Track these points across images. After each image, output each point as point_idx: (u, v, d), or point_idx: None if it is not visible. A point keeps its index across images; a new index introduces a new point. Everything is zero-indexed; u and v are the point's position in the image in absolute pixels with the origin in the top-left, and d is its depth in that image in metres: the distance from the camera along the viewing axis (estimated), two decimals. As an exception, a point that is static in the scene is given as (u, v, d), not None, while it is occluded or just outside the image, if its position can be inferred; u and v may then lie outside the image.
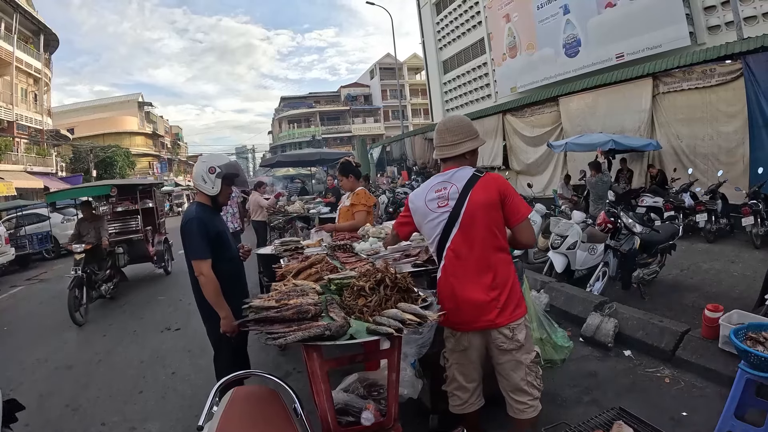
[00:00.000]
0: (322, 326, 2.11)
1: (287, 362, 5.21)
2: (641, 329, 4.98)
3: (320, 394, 2.28)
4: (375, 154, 28.90)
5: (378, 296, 2.42)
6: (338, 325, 2.12)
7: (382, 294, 2.43)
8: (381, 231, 4.37)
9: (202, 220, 3.42)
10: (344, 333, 2.13)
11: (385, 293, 2.43)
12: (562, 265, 6.87)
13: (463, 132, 2.75)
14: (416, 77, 62.09)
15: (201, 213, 3.49)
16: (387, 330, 2.09)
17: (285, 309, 2.29)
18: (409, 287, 2.51)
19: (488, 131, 19.46)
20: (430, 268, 3.38)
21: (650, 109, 12.52)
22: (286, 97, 70.81)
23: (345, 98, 65.66)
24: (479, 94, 33.32)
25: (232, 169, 3.58)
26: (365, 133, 48.57)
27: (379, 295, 2.42)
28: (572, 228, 6.92)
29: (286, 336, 2.09)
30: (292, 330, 2.13)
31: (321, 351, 2.24)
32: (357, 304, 2.44)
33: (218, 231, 3.52)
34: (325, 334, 2.08)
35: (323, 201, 12.94)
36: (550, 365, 3.62)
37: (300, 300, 2.40)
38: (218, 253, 3.45)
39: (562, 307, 5.91)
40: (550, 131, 16.15)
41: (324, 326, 2.10)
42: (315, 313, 2.29)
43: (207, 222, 3.44)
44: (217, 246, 3.45)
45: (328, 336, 2.08)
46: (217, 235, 3.48)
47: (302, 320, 2.24)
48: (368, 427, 2.37)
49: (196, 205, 3.58)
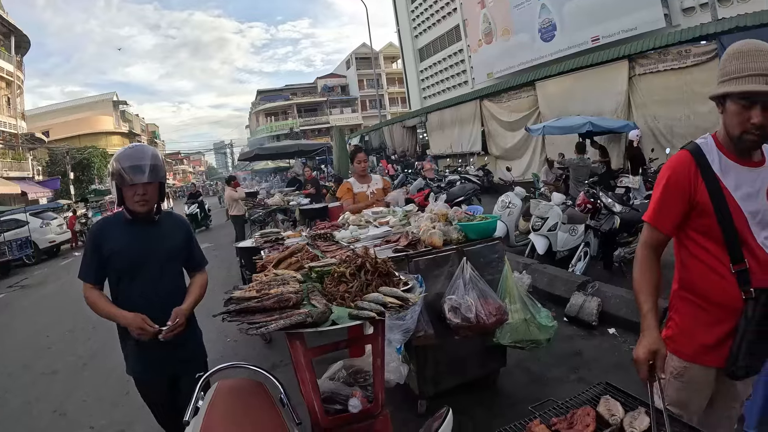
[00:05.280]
0: (303, 313, 2.06)
1: (273, 355, 5.17)
2: (624, 307, 5.03)
3: (306, 383, 2.25)
4: (353, 143, 28.81)
5: (359, 282, 2.38)
6: (320, 311, 2.07)
7: (363, 279, 2.39)
8: (361, 219, 4.32)
9: (98, 232, 2.69)
10: (326, 319, 2.09)
11: (365, 278, 2.40)
12: (544, 247, 6.91)
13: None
14: (393, 66, 61.93)
15: (105, 223, 2.79)
16: (369, 314, 2.06)
17: (266, 298, 2.24)
18: (389, 271, 2.48)
19: (466, 118, 19.55)
20: (411, 252, 3.37)
21: (627, 91, 12.60)
22: (262, 91, 70.21)
23: (322, 89, 65.27)
24: (456, 80, 33.41)
25: (124, 160, 2.54)
26: (343, 124, 48.20)
27: (359, 281, 2.39)
28: (552, 210, 6.96)
29: (267, 325, 2.04)
30: (274, 319, 2.08)
31: (304, 339, 2.21)
32: (338, 290, 2.40)
33: (116, 250, 2.60)
34: (307, 321, 2.03)
35: (303, 193, 12.87)
36: (536, 345, 3.61)
37: (281, 289, 2.35)
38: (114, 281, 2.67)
39: (546, 289, 5.94)
40: (528, 115, 16.20)
41: (305, 313, 2.06)
42: (296, 301, 2.25)
43: (106, 236, 2.63)
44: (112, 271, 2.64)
45: (310, 323, 2.04)
46: (112, 256, 2.60)
47: (284, 309, 2.19)
48: (356, 414, 2.34)
49: (116, 212, 2.80)
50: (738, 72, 1.70)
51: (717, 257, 1.84)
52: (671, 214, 1.89)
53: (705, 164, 1.82)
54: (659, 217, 1.93)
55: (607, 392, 2.10)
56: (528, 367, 4.27)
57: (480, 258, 3.52)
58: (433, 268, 3.39)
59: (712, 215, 1.81)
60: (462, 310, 3.15)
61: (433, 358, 3.49)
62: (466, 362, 3.68)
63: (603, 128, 11.92)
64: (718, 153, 1.83)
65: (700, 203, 1.82)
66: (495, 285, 3.53)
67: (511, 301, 3.53)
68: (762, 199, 1.81)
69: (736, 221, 1.79)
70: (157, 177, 2.58)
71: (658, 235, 1.94)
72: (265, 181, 42.61)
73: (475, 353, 3.71)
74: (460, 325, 3.16)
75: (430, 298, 3.31)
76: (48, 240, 17.41)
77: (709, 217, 1.82)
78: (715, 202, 1.79)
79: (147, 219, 2.69)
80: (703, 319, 1.91)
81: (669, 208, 1.89)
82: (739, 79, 1.70)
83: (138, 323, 2.47)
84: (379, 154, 28.56)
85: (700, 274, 1.90)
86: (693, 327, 1.95)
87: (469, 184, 12.90)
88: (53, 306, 9.62)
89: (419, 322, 3.14)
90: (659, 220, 1.93)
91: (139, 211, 2.62)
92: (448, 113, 21.32)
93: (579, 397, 2.12)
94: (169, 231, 2.81)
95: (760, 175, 1.83)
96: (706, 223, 1.84)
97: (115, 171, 2.54)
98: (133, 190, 2.54)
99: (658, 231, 1.94)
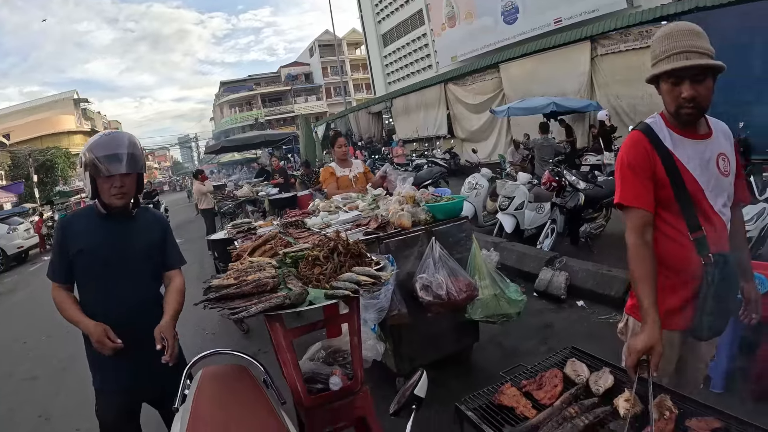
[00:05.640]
0: (281, 296, 2.13)
1: (252, 344, 5.19)
2: (591, 279, 5.21)
3: (287, 364, 2.31)
4: (320, 131, 28.67)
5: (332, 264, 2.45)
6: (297, 293, 2.14)
7: (336, 261, 2.46)
8: (331, 205, 4.38)
9: (67, 227, 2.44)
10: (303, 300, 2.15)
11: (339, 260, 2.46)
12: (512, 226, 7.07)
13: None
14: (356, 52, 61.67)
15: (75, 218, 2.53)
16: (343, 292, 2.14)
17: (244, 285, 2.30)
18: (361, 252, 2.55)
19: (431, 102, 19.68)
20: (381, 235, 3.45)
21: (589, 72, 12.84)
22: (225, 82, 68.99)
23: (285, 78, 64.48)
24: (420, 65, 33.42)
25: (98, 149, 2.29)
26: (308, 112, 47.80)
27: (333, 263, 2.45)
28: (518, 189, 7.11)
29: (248, 309, 2.10)
30: (253, 303, 2.14)
31: (283, 321, 2.27)
32: (313, 273, 2.46)
33: (87, 248, 2.36)
34: (285, 302, 2.09)
35: (271, 183, 12.86)
36: (507, 319, 3.73)
37: (258, 275, 2.41)
38: (83, 282, 2.44)
39: (515, 265, 6.09)
40: (492, 98, 16.38)
41: (284, 296, 2.12)
42: (274, 285, 2.31)
43: (75, 232, 2.39)
44: (80, 270, 2.40)
45: (288, 305, 2.10)
46: (82, 254, 2.36)
47: (262, 293, 2.25)
48: (337, 392, 2.41)
49: (87, 206, 2.55)
50: (664, 53, 1.81)
51: (676, 227, 1.92)
52: (648, 190, 1.92)
53: (657, 141, 1.90)
54: (638, 196, 1.94)
55: (573, 355, 2.23)
56: (500, 342, 4.40)
57: (448, 237, 3.62)
58: (404, 248, 3.48)
59: (669, 188, 1.88)
60: (433, 287, 3.25)
61: (408, 336, 3.58)
62: (440, 339, 3.78)
63: (566, 108, 12.13)
64: (667, 130, 1.92)
65: (658, 178, 1.90)
66: (464, 263, 3.65)
67: (481, 278, 3.65)
68: (713, 169, 1.90)
69: (692, 191, 1.87)
70: (135, 167, 2.36)
71: (644, 214, 1.93)
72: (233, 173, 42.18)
73: (449, 330, 3.81)
74: (432, 302, 3.26)
75: (402, 278, 3.41)
76: (16, 246, 16.75)
77: (666, 190, 1.89)
78: (671, 175, 1.87)
79: (123, 213, 2.44)
80: (666, 286, 1.95)
81: (645, 185, 1.93)
82: (666, 59, 1.80)
83: (98, 335, 2.22)
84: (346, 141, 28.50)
85: (660, 244, 1.95)
86: (657, 294, 1.97)
87: (436, 167, 13.02)
88: (26, 312, 9.38)
89: (393, 302, 3.23)
90: (639, 200, 1.94)
91: (116, 205, 2.37)
92: (413, 98, 21.41)
93: (547, 361, 2.24)
94: (147, 227, 2.56)
95: (708, 147, 1.92)
96: (663, 195, 1.91)
97: (88, 161, 2.27)
98: (110, 182, 2.29)
99: (643, 210, 1.93)
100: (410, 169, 14.08)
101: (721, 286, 1.85)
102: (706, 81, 1.78)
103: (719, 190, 1.92)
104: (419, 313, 3.41)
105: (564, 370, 2.10)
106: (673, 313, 1.96)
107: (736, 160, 2.01)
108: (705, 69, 1.77)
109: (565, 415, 1.75)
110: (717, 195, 1.92)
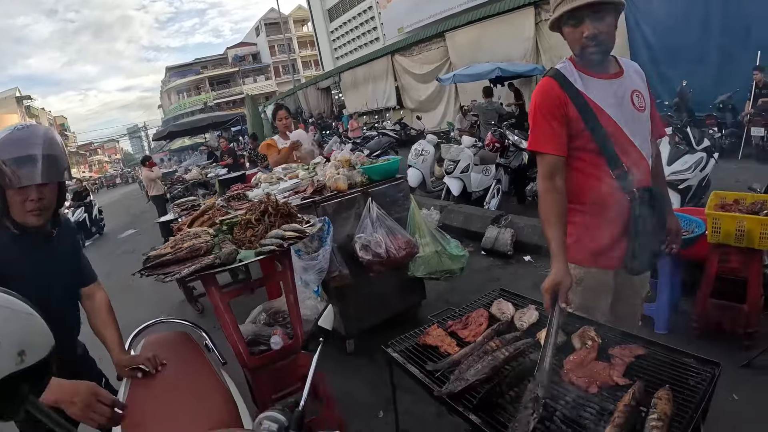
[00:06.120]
0: (212, 257, 2.17)
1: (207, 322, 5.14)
2: (537, 235, 5.36)
3: (227, 325, 2.35)
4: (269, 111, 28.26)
5: (264, 225, 2.48)
6: (226, 253, 2.17)
7: (268, 222, 2.49)
8: (272, 176, 4.38)
9: None
10: (234, 260, 2.19)
11: (269, 221, 2.50)
12: (458, 189, 7.18)
13: None
14: (303, 29, 60.54)
15: None
16: (270, 248, 2.18)
17: (179, 251, 2.32)
18: (290, 212, 2.59)
19: (379, 74, 19.60)
20: (317, 198, 3.48)
21: (534, 37, 12.91)
22: (171, 67, 66.84)
23: (233, 60, 62.91)
24: (367, 38, 33.24)
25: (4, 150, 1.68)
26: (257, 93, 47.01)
27: (264, 224, 2.48)
28: (463, 152, 7.21)
29: (180, 271, 2.13)
30: (186, 266, 2.17)
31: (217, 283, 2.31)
32: (246, 236, 2.50)
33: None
34: (216, 262, 2.13)
35: (220, 164, 12.72)
36: (450, 275, 3.84)
37: (193, 242, 2.43)
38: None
39: (462, 226, 6.22)
40: (439, 66, 16.39)
41: (214, 256, 2.16)
42: (207, 249, 2.32)
43: None
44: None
45: (218, 264, 2.14)
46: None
47: (195, 258, 2.28)
48: (279, 351, 2.46)
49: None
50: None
51: (597, 166, 1.94)
52: (556, 135, 1.93)
53: (568, 84, 1.92)
54: (546, 141, 1.95)
55: (500, 296, 2.32)
56: (447, 299, 4.50)
57: (385, 197, 3.69)
58: (342, 211, 3.54)
59: (584, 128, 1.91)
60: (372, 246, 3.32)
61: (354, 297, 3.65)
62: (386, 298, 3.86)
63: (512, 73, 12.22)
64: (577, 72, 1.94)
65: (572, 120, 1.91)
66: (404, 222, 3.73)
67: (421, 236, 3.73)
68: (628, 106, 1.93)
69: (609, 129, 1.89)
70: (56, 174, 1.79)
71: (554, 159, 1.94)
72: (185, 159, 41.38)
73: (395, 289, 3.90)
74: (372, 260, 3.33)
75: (342, 240, 3.48)
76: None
77: (583, 131, 1.91)
78: (585, 115, 1.89)
79: (42, 233, 1.92)
80: (594, 225, 1.99)
81: (551, 131, 1.94)
82: (561, 3, 1.85)
83: None
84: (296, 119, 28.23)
85: (584, 184, 1.98)
86: (586, 234, 2.03)
87: (384, 138, 13.06)
88: None
89: (333, 263, 3.29)
90: (547, 145, 1.95)
91: (33, 224, 1.82)
92: (361, 71, 21.28)
93: (475, 303, 2.33)
94: (65, 243, 2.08)
95: (621, 85, 1.95)
96: (581, 136, 1.93)
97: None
98: (23, 195, 1.74)
99: (553, 156, 1.94)
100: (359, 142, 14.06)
101: (648, 220, 1.91)
102: (606, 18, 1.81)
103: (637, 126, 1.95)
104: (363, 274, 3.48)
105: (490, 309, 2.18)
106: (604, 252, 2.00)
107: (649, 96, 2.04)
108: (603, 5, 1.79)
109: (486, 349, 1.80)
110: (635, 131, 1.94)
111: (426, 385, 1.73)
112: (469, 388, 1.58)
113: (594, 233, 2.00)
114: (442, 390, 1.62)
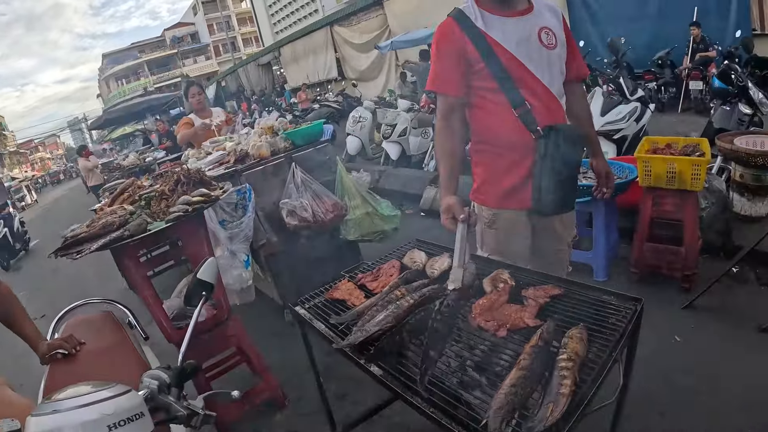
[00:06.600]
0: (120, 230, 2.12)
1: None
2: (474, 192, 5.38)
3: (147, 299, 2.36)
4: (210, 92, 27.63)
5: (177, 195, 2.44)
6: (136, 224, 2.14)
7: (181, 191, 2.46)
8: (200, 151, 4.29)
9: None
10: (144, 230, 2.15)
11: (182, 190, 2.46)
12: (397, 153, 7.18)
13: None
14: (242, 5, 58.93)
15: None
16: (176, 214, 2.15)
17: (93, 228, 2.27)
18: (203, 179, 2.56)
19: (318, 46, 19.30)
20: (240, 167, 3.42)
21: (474, 1, 12.84)
22: (107, 53, 64.30)
23: (171, 41, 60.76)
24: (306, 10, 32.78)
25: None
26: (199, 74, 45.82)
27: (178, 194, 2.45)
28: (399, 116, 7.20)
29: (90, 247, 2.08)
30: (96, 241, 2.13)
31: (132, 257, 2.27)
32: (161, 207, 2.45)
33: None
34: (125, 234, 2.09)
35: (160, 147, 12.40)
36: (384, 236, 3.84)
37: (107, 218, 2.37)
38: None
39: (401, 189, 6.24)
40: (379, 35, 16.20)
41: (123, 229, 2.12)
42: (120, 224, 2.28)
43: None
44: None
45: (128, 236, 2.10)
46: None
47: (108, 233, 2.22)
48: (205, 322, 2.44)
49: None
50: None
51: (499, 104, 1.91)
52: (453, 75, 1.92)
53: (468, 24, 1.89)
54: (443, 82, 1.96)
55: (415, 247, 2.30)
56: (385, 261, 4.51)
57: (311, 162, 3.66)
58: (267, 178, 3.49)
59: (484, 67, 1.88)
60: (298, 211, 3.29)
61: (287, 266, 3.60)
62: (321, 265, 3.83)
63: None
64: (479, 11, 1.90)
65: (472, 59, 1.89)
66: (332, 186, 3.71)
67: (351, 198, 3.71)
68: (535, 43, 1.90)
69: (510, 67, 1.86)
70: None
71: (449, 99, 1.95)
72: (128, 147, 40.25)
73: (328, 255, 3.85)
74: (299, 225, 3.31)
75: (269, 208, 3.44)
76: None
77: (483, 69, 1.89)
78: (484, 54, 1.87)
79: None
80: (501, 166, 2.00)
81: (448, 71, 1.94)
82: None
83: None
84: (239, 98, 27.66)
85: (488, 123, 1.98)
86: (493, 175, 2.05)
87: (324, 109, 12.98)
88: None
89: (261, 232, 3.26)
90: (444, 85, 1.96)
91: None
92: (300, 44, 20.91)
93: (389, 255, 2.30)
94: None
95: (528, 22, 1.91)
96: (482, 75, 1.91)
97: None
98: None
99: (447, 96, 1.95)
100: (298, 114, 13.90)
101: (555, 159, 1.87)
102: None
103: (545, 63, 1.91)
104: (294, 242, 3.46)
105: (402, 260, 2.16)
106: (512, 192, 2.00)
107: (566, 35, 2.02)
108: None
109: (390, 298, 1.74)
110: (542, 69, 1.90)
111: (330, 340, 1.69)
112: (371, 338, 1.52)
113: (500, 174, 2.01)
114: (342, 343, 1.57)
